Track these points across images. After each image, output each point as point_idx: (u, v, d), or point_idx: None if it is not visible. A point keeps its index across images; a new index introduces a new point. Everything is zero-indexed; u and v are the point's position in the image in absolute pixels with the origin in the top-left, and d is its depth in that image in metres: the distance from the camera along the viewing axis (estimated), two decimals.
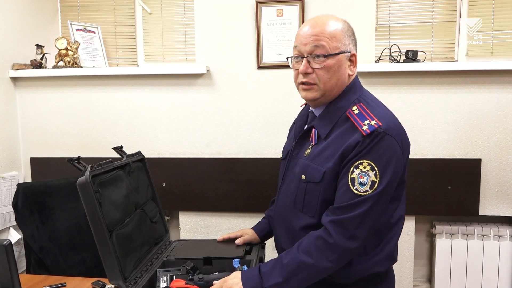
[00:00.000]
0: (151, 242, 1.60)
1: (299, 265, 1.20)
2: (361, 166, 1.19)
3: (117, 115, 2.48)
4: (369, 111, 1.25)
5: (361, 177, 1.19)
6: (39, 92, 2.53)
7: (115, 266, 1.28)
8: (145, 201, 1.66)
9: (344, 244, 1.19)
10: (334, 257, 1.19)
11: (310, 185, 1.29)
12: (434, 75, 2.22)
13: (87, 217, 1.27)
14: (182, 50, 2.58)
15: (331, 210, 1.22)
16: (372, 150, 1.19)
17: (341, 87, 1.31)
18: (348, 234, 1.19)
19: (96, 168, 1.34)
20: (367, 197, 1.18)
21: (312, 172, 1.29)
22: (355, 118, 1.25)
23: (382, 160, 1.19)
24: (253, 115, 2.36)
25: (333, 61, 1.28)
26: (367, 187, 1.18)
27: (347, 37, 1.31)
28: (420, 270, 2.46)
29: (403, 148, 1.24)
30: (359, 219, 1.19)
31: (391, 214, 1.30)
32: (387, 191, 1.21)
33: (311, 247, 1.20)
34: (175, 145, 2.45)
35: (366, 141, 1.19)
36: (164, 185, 2.42)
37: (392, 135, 1.21)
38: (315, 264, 1.19)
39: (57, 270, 1.99)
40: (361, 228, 1.19)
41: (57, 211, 2.05)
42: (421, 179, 2.25)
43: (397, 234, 1.34)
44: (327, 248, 1.19)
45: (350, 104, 1.29)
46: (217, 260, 1.51)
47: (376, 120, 1.21)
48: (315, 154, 1.30)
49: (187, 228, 2.48)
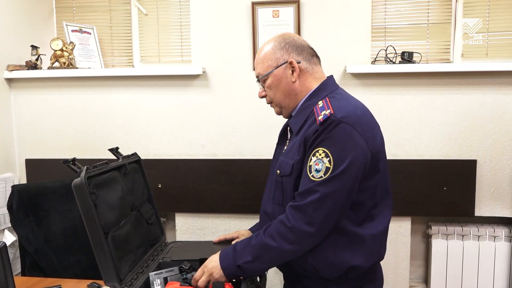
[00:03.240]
0: (147, 243, 1.60)
1: (265, 247, 1.28)
2: (317, 153, 1.25)
3: (112, 116, 2.48)
4: (330, 103, 1.30)
5: (316, 164, 1.24)
6: (34, 93, 2.52)
7: (110, 267, 1.28)
8: (141, 202, 1.67)
9: (301, 228, 1.24)
10: (294, 239, 1.25)
11: (284, 178, 1.35)
12: (430, 76, 2.23)
13: (82, 218, 1.27)
14: (178, 51, 2.58)
15: (294, 196, 1.29)
16: (327, 137, 1.24)
17: (294, 96, 1.40)
18: (305, 219, 1.24)
19: (91, 170, 1.34)
20: (320, 182, 1.23)
21: (284, 166, 1.36)
22: (317, 110, 1.31)
23: (337, 147, 1.23)
24: (249, 116, 2.37)
25: (270, 80, 1.40)
26: (322, 173, 1.23)
27: (279, 51, 1.39)
28: (416, 271, 2.47)
29: (365, 137, 1.26)
30: (315, 204, 1.23)
31: (368, 205, 1.31)
32: (346, 177, 1.23)
33: (274, 231, 1.28)
34: (171, 146, 2.45)
35: (321, 130, 1.25)
36: (160, 186, 2.42)
37: (348, 122, 1.24)
38: (278, 246, 1.26)
39: (52, 272, 1.98)
40: (318, 213, 1.23)
41: (52, 212, 2.05)
42: (417, 180, 2.26)
43: (383, 229, 1.34)
44: (287, 231, 1.25)
45: (318, 100, 1.35)
46: None
47: (331, 109, 1.27)
48: (288, 149, 1.39)
49: (183, 229, 2.48)
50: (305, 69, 1.39)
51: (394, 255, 2.32)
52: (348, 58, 2.27)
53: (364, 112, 1.33)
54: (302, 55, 1.39)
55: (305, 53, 1.40)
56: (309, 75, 1.39)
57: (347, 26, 2.27)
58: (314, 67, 1.41)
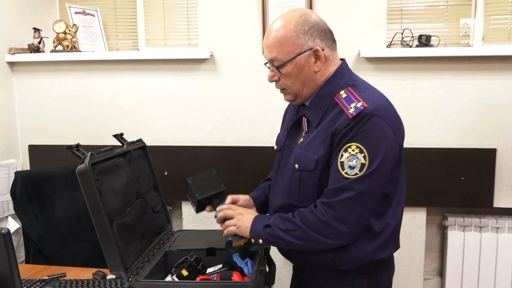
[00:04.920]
0: (153, 232, 1.61)
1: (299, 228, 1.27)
2: (350, 149, 1.22)
3: (117, 101, 2.48)
4: (356, 94, 1.27)
5: (350, 160, 1.21)
6: (37, 78, 2.53)
7: (116, 256, 1.29)
8: (147, 190, 1.67)
9: (335, 225, 1.22)
10: (328, 234, 1.24)
11: (304, 174, 1.31)
12: (448, 61, 2.20)
13: (87, 205, 1.28)
14: (184, 34, 2.56)
15: (324, 192, 1.26)
16: (360, 132, 1.21)
17: (312, 86, 1.33)
18: (338, 216, 1.22)
19: (96, 156, 1.35)
20: (356, 179, 1.21)
21: (305, 161, 1.31)
22: (342, 102, 1.27)
23: (371, 142, 1.21)
24: (258, 101, 2.35)
25: (290, 67, 1.30)
26: (357, 169, 1.21)
27: (303, 35, 1.29)
28: (431, 263, 2.46)
29: (393, 129, 1.25)
30: (350, 202, 1.21)
31: (391, 197, 1.31)
32: (380, 172, 1.22)
33: (311, 220, 1.26)
34: (178, 132, 2.45)
35: (353, 124, 1.22)
36: (166, 174, 2.43)
37: (379, 115, 1.22)
38: (312, 235, 1.25)
39: (57, 260, 2.01)
40: (351, 211, 1.22)
41: (56, 199, 2.07)
42: (433, 169, 2.24)
43: (399, 218, 1.36)
44: (321, 225, 1.24)
45: (338, 89, 1.31)
46: (221, 251, 1.52)
47: (362, 102, 1.23)
48: (308, 142, 1.33)
49: (190, 218, 2.49)
50: (328, 57, 1.32)
51: (408, 247, 2.32)
52: (362, 42, 2.24)
53: (389, 102, 1.31)
54: (325, 41, 1.31)
55: (328, 38, 1.32)
56: (330, 63, 1.34)
57: (361, 7, 2.24)
58: (334, 54, 1.35)
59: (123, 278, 1.32)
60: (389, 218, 1.32)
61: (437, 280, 2.43)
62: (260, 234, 1.32)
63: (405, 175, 1.38)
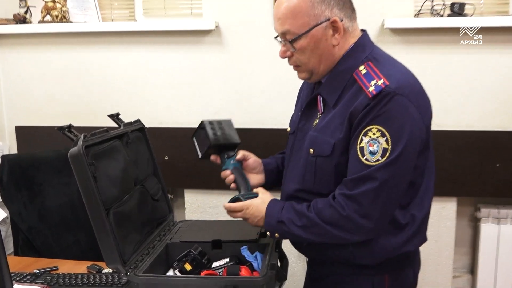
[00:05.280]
0: (153, 222, 1.64)
1: (316, 225, 1.28)
2: (370, 133, 1.21)
3: (112, 78, 2.50)
4: (377, 69, 1.26)
5: (370, 145, 1.21)
6: (24, 51, 2.55)
7: (113, 248, 1.31)
8: (146, 176, 1.69)
9: (357, 220, 1.23)
10: (349, 228, 1.25)
11: (319, 159, 1.32)
12: (485, 32, 2.17)
13: (80, 193, 1.29)
14: (187, 2, 2.56)
15: (343, 183, 1.26)
16: (381, 113, 1.20)
17: (330, 62, 1.33)
18: (361, 210, 1.22)
19: (89, 138, 1.36)
20: (378, 167, 1.20)
21: (321, 145, 1.31)
22: (361, 79, 1.26)
23: (394, 124, 1.20)
24: (269, 78, 2.35)
25: (305, 41, 1.29)
26: (378, 155, 1.20)
27: (318, 5, 1.27)
28: (461, 259, 2.47)
29: (420, 109, 1.24)
30: (373, 193, 1.21)
31: (418, 185, 1.32)
32: (405, 158, 1.22)
33: (327, 214, 1.26)
34: (179, 113, 2.47)
35: (373, 104, 1.21)
36: (167, 158, 2.45)
37: (403, 94, 1.21)
38: (331, 231, 1.26)
39: (48, 252, 2.05)
40: (375, 204, 1.22)
41: (46, 186, 2.10)
42: (465, 155, 2.23)
43: (427, 209, 1.37)
44: (342, 219, 1.24)
45: (358, 64, 1.30)
46: (227, 244, 1.54)
47: (384, 79, 1.22)
48: (324, 124, 1.33)
49: (193, 208, 2.52)
50: (347, 28, 1.31)
51: (436, 241, 2.32)
52: (387, 11, 2.22)
53: (415, 79, 1.30)
54: (344, 11, 1.30)
55: (347, 7, 1.31)
56: (349, 35, 1.32)
57: None
58: (353, 24, 1.34)
59: (121, 272, 1.34)
60: (415, 209, 1.32)
61: (467, 277, 2.44)
62: (275, 229, 1.34)
63: (433, 161, 1.38)
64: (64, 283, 1.56)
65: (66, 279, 1.59)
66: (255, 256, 1.48)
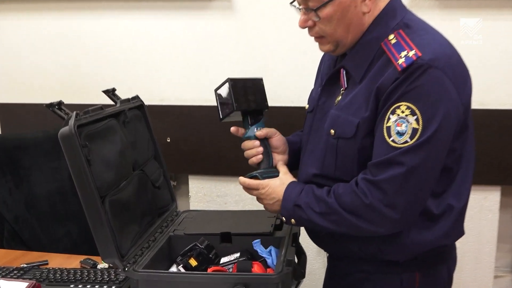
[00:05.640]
0: (153, 212, 1.64)
1: (335, 212, 1.28)
2: (398, 110, 1.20)
3: (108, 48, 2.49)
4: (408, 39, 1.24)
5: (398, 125, 1.20)
6: (5, 17, 2.54)
7: (109, 240, 1.31)
8: (146, 160, 1.70)
9: (382, 210, 1.22)
10: (372, 218, 1.24)
11: (341, 141, 1.32)
12: None
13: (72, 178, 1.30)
14: None
15: (367, 167, 1.26)
16: (412, 88, 1.19)
17: (358, 31, 1.31)
18: (386, 199, 1.21)
19: (82, 116, 1.36)
20: (406, 149, 1.19)
21: (343, 125, 1.31)
22: (390, 49, 1.25)
23: (426, 101, 1.19)
24: (286, 49, 2.33)
25: (331, 9, 1.27)
26: (407, 137, 1.19)
27: None
28: (504, 256, 2.46)
29: (457, 84, 1.23)
30: (400, 180, 1.20)
31: (454, 171, 1.31)
32: (438, 141, 1.20)
33: (348, 201, 1.26)
34: (183, 88, 2.46)
35: (403, 78, 1.19)
36: (169, 140, 2.45)
37: (438, 67, 1.19)
38: (352, 220, 1.26)
39: (37, 244, 2.07)
40: (402, 192, 1.21)
41: (34, 171, 2.11)
42: (511, 138, 2.21)
43: (465, 199, 1.36)
44: (364, 208, 1.23)
45: (387, 33, 1.28)
46: (238, 237, 1.54)
47: (416, 49, 1.20)
48: (347, 101, 1.32)
49: (199, 196, 2.52)
50: None
51: (476, 236, 2.31)
52: None
53: (453, 50, 1.28)
54: None
55: None
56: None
57: None
58: None
59: (118, 267, 1.35)
60: (451, 198, 1.31)
61: (511, 278, 2.43)
62: (291, 214, 1.35)
63: (473, 144, 1.36)
64: (55, 279, 1.58)
65: (57, 274, 1.60)
66: (269, 251, 1.49)
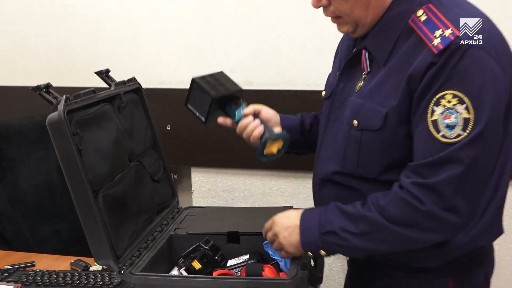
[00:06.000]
0: (152, 208, 1.65)
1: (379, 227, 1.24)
2: (444, 100, 1.18)
3: (100, 25, 2.49)
4: (441, 14, 1.22)
5: (446, 117, 1.18)
6: None
7: (103, 240, 1.32)
8: (143, 150, 1.70)
9: (441, 216, 1.19)
10: (432, 227, 1.21)
11: (366, 134, 1.30)
12: None
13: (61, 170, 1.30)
14: None
15: (412, 169, 1.23)
16: (455, 73, 1.17)
17: (379, 9, 1.31)
18: (444, 203, 1.18)
19: (73, 101, 1.36)
20: (462, 144, 1.17)
21: (367, 115, 1.30)
22: (421, 28, 1.23)
23: (473, 86, 1.17)
24: (300, 26, 2.32)
25: None
26: (459, 129, 1.17)
27: None
28: None
29: (502, 63, 1.21)
30: (459, 180, 1.17)
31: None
32: (492, 129, 1.19)
33: (397, 212, 1.22)
34: (185, 70, 2.46)
35: (442, 62, 1.17)
36: (169, 128, 2.45)
37: (480, 46, 1.18)
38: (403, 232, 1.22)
39: (22, 244, 2.08)
40: (461, 193, 1.18)
41: (19, 163, 2.12)
42: None
43: (503, 193, 1.35)
44: (420, 216, 1.20)
45: (414, 8, 1.27)
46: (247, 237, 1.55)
47: (453, 28, 1.18)
48: (371, 88, 1.31)
49: (203, 191, 2.53)
50: None
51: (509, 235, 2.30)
52: None
53: (491, 24, 1.26)
54: None
55: None
56: None
57: None
58: None
59: (113, 270, 1.36)
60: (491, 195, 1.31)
61: None
62: (319, 244, 1.31)
63: None
64: (42, 283, 1.59)
65: (45, 277, 1.62)
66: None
